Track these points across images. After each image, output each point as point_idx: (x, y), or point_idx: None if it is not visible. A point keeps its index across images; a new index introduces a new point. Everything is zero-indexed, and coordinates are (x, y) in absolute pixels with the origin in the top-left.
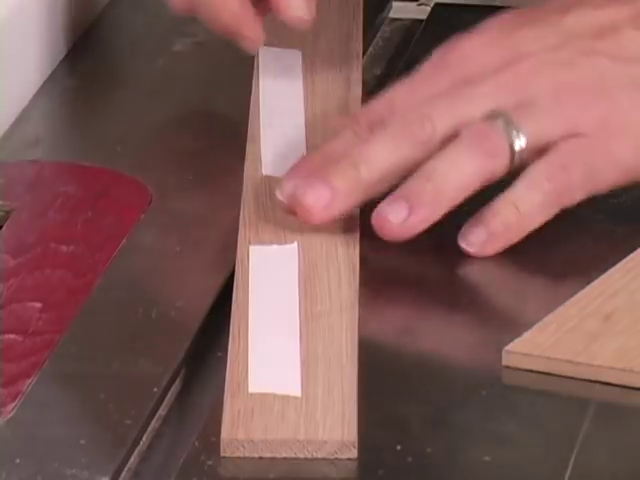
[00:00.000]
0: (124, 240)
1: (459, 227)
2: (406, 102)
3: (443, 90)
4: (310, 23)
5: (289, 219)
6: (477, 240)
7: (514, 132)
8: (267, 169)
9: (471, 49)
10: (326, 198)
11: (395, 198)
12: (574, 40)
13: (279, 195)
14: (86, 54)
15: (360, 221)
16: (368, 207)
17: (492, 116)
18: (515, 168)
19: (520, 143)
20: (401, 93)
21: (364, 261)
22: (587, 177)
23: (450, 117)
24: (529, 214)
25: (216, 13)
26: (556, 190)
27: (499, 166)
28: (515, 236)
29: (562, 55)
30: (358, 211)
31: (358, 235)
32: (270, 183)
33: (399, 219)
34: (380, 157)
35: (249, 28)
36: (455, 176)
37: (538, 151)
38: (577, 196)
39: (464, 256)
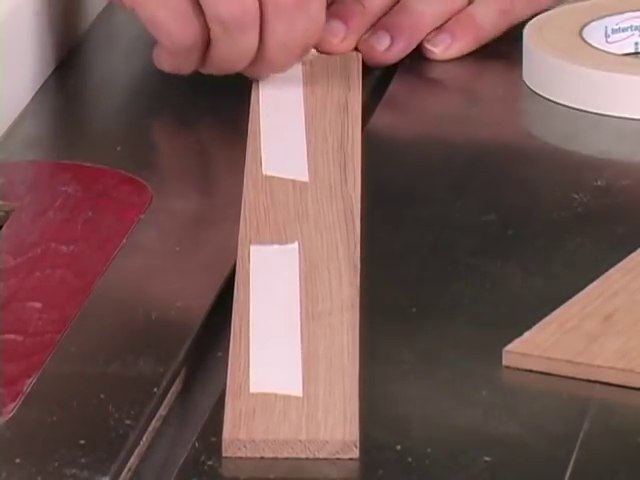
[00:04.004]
0: (124, 240)
1: (459, 228)
2: None
3: None
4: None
5: (290, 219)
6: (442, 43)
7: None
8: (267, 169)
9: None
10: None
11: (379, 29)
12: None
13: None
14: (86, 54)
15: (361, 221)
16: (369, 208)
17: None
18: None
19: None
20: None
21: (364, 261)
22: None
23: None
24: (483, 25)
25: None
26: (503, 10)
27: (460, 4)
28: (474, 43)
29: None
30: (359, 211)
31: (359, 235)
32: (271, 183)
33: (383, 47)
34: None
35: None
36: (428, 12)
37: None
38: (520, 15)
39: (464, 255)
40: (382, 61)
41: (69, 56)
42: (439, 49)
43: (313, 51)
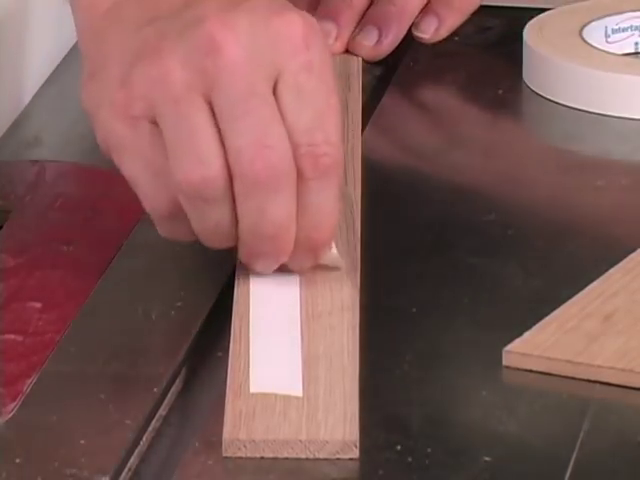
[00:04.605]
0: (124, 240)
1: (459, 228)
2: None
3: None
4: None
5: None
6: (430, 27)
7: None
8: None
9: None
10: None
11: (366, 24)
12: None
13: None
14: None
15: (361, 221)
16: (369, 208)
17: None
18: None
19: None
20: None
21: (364, 261)
22: None
23: None
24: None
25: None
26: None
27: None
28: (461, 18)
29: None
30: (359, 211)
31: (359, 235)
32: None
33: (372, 42)
34: None
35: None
36: None
37: None
38: None
39: (464, 255)
40: (373, 56)
41: (69, 56)
42: (428, 34)
43: (334, 253)
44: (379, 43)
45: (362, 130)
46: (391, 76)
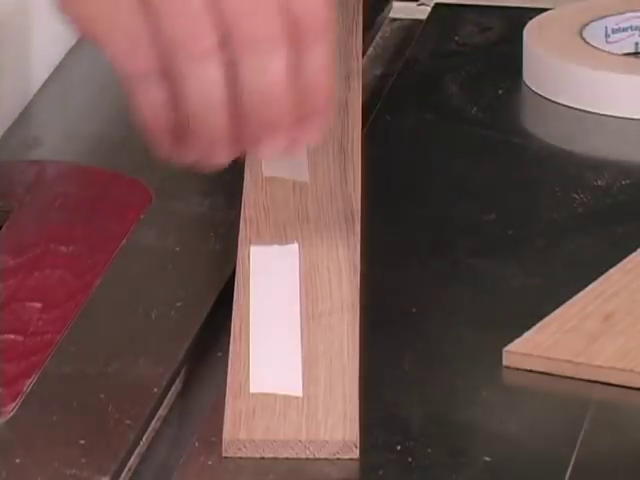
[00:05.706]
0: (124, 240)
1: (459, 228)
2: None
3: None
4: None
5: (290, 219)
6: None
7: None
8: (267, 169)
9: None
10: None
11: None
12: None
13: None
14: (86, 54)
15: (361, 221)
16: (369, 208)
17: None
18: None
19: None
20: None
21: (364, 261)
22: None
23: None
24: None
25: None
26: None
27: None
28: None
29: None
30: (359, 211)
31: (359, 235)
32: (271, 183)
33: None
34: None
35: None
36: None
37: None
38: None
39: (464, 255)
40: None
41: (69, 56)
42: None
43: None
44: None
45: (362, 130)
46: (391, 76)
